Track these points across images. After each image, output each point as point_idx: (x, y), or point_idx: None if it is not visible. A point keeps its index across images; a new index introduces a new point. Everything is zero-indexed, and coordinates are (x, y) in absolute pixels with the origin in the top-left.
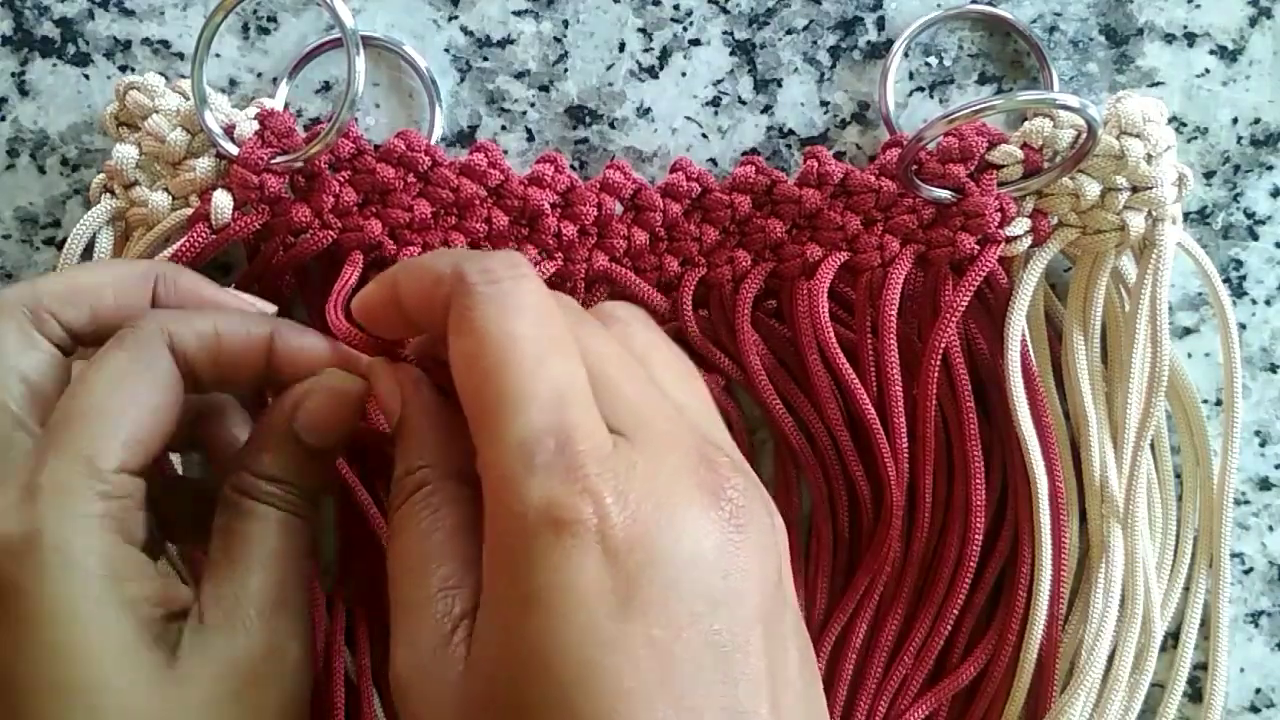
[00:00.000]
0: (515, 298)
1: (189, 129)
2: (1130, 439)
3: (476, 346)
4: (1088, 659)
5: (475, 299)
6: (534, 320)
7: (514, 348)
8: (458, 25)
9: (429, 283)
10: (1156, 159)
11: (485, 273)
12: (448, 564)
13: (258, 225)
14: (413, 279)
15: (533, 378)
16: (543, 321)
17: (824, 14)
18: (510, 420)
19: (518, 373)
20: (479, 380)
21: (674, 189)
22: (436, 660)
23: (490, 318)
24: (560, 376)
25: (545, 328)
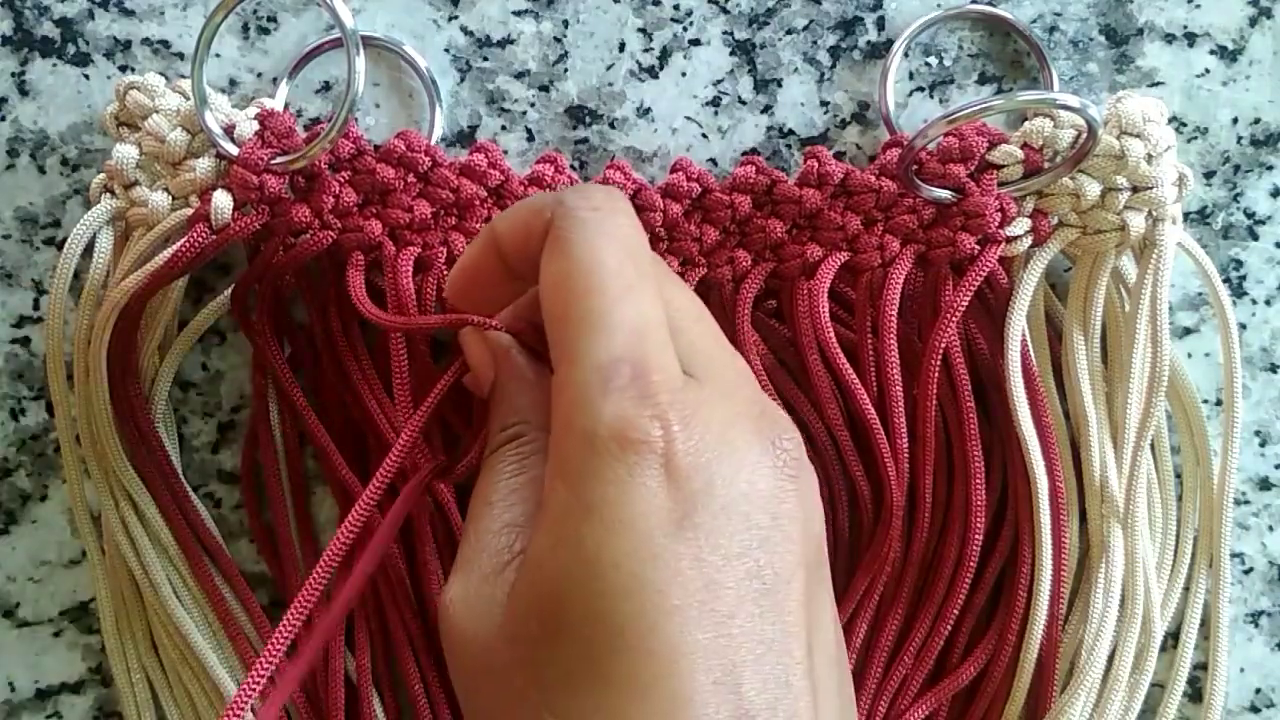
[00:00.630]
0: (610, 226)
1: (189, 129)
2: (1130, 439)
3: (569, 268)
4: (1088, 659)
5: (572, 222)
6: (625, 252)
7: (603, 274)
8: (458, 25)
9: (529, 214)
10: (1157, 159)
11: (585, 197)
12: (519, 506)
13: (258, 226)
14: (514, 216)
15: (617, 306)
16: (633, 255)
17: (824, 14)
18: (592, 343)
19: (603, 299)
20: (566, 302)
21: (674, 189)
22: (486, 585)
23: (584, 242)
24: (643, 310)
25: (634, 262)
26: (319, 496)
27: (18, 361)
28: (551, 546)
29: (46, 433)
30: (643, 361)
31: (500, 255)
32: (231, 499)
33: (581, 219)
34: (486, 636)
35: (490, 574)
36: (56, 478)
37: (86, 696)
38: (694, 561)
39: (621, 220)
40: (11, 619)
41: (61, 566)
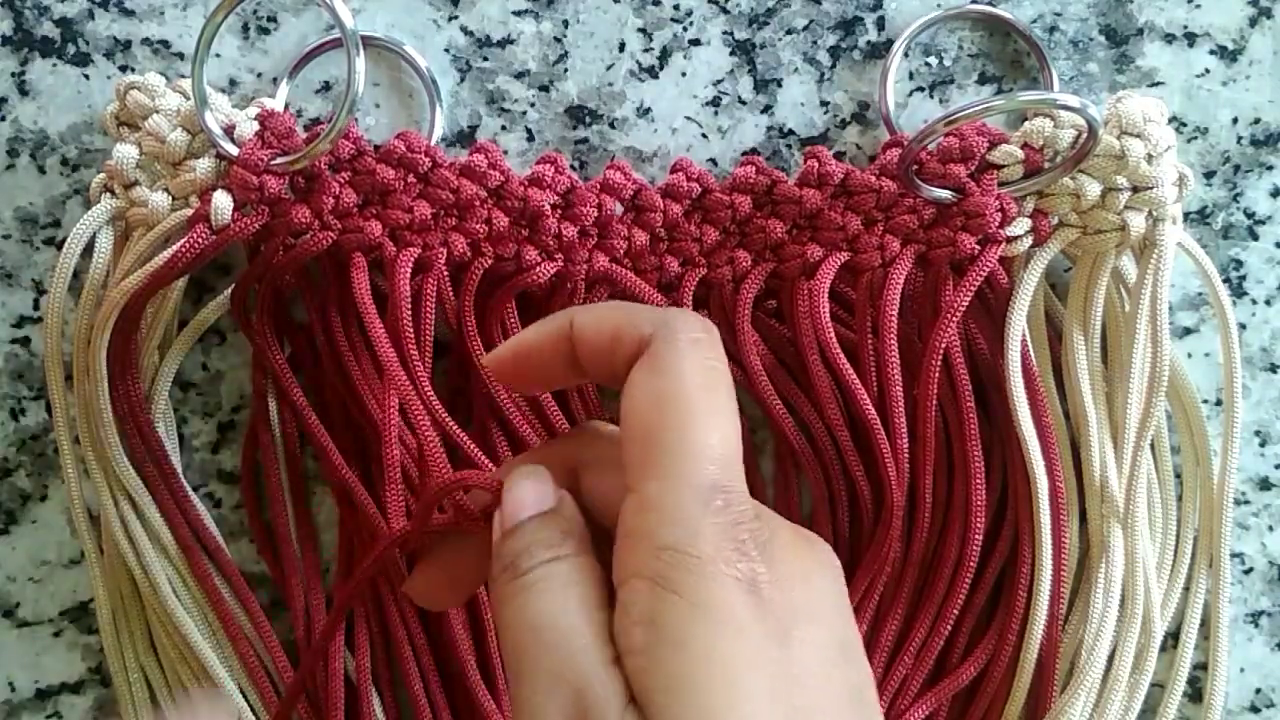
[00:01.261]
0: (712, 354)
1: (189, 129)
2: (1130, 439)
3: (669, 389)
4: (1088, 659)
5: (676, 346)
6: (724, 383)
7: (702, 401)
8: (458, 25)
9: (623, 323)
10: (1157, 159)
11: (689, 325)
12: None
13: (257, 226)
14: (602, 318)
15: (712, 434)
16: (724, 383)
17: (824, 14)
18: (690, 466)
19: (700, 425)
20: (661, 421)
21: (674, 189)
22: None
23: (692, 365)
24: (730, 438)
25: (726, 390)
26: (319, 496)
27: (18, 361)
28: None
29: (46, 433)
30: (731, 491)
31: (571, 348)
32: (231, 499)
33: (685, 346)
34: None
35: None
36: (56, 478)
37: (86, 696)
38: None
39: (718, 349)
40: (11, 619)
41: (61, 566)
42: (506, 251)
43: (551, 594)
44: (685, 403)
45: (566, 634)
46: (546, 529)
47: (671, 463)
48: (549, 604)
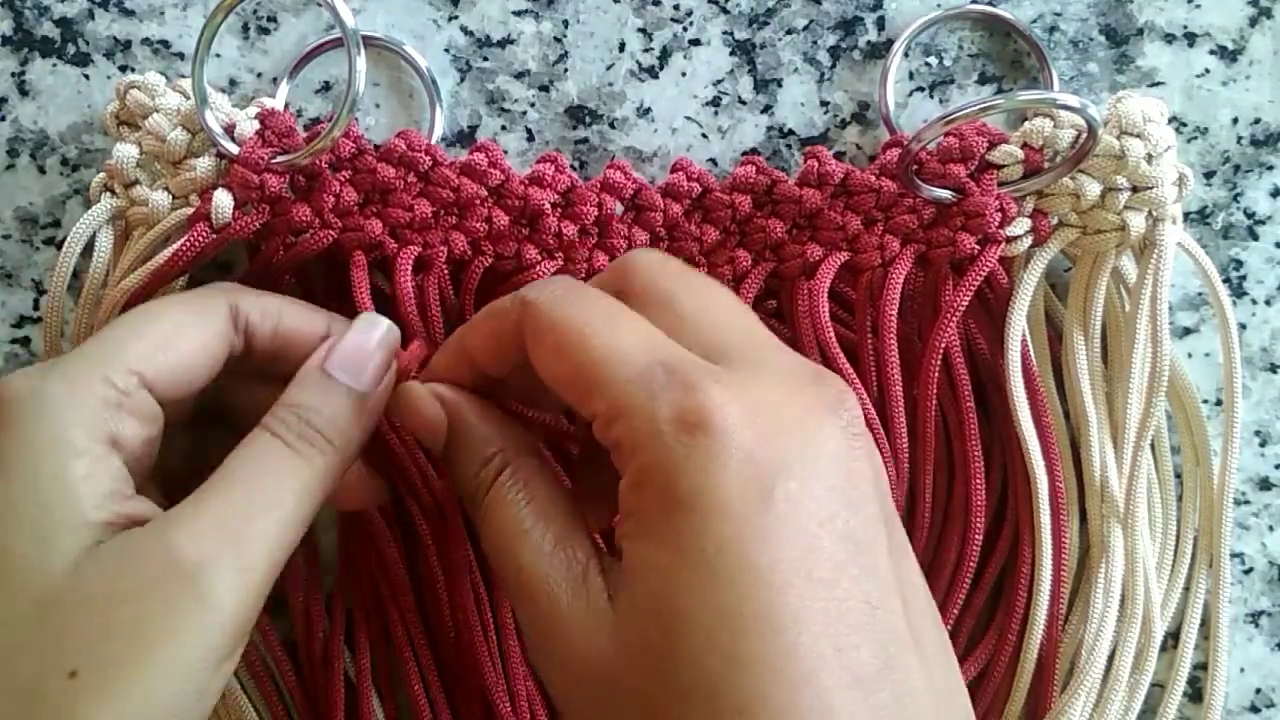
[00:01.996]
0: (576, 294)
1: (189, 128)
2: (1130, 439)
3: (557, 338)
4: (1088, 659)
5: (541, 309)
6: (595, 303)
7: (589, 323)
8: (458, 25)
9: (493, 322)
10: (1157, 159)
11: (542, 288)
12: (554, 523)
13: (258, 225)
14: (478, 329)
15: (617, 335)
16: (600, 302)
17: (824, 14)
18: (616, 368)
19: (604, 336)
20: (569, 360)
21: (675, 189)
22: (578, 600)
23: (560, 313)
24: (641, 330)
25: (605, 304)
26: None
27: (18, 362)
28: (653, 550)
29: None
30: (669, 359)
31: (473, 368)
32: None
33: (544, 302)
34: (603, 654)
35: (576, 589)
36: None
37: None
38: (791, 533)
39: (577, 289)
40: None
41: None
42: (507, 250)
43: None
44: (576, 335)
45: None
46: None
47: (598, 383)
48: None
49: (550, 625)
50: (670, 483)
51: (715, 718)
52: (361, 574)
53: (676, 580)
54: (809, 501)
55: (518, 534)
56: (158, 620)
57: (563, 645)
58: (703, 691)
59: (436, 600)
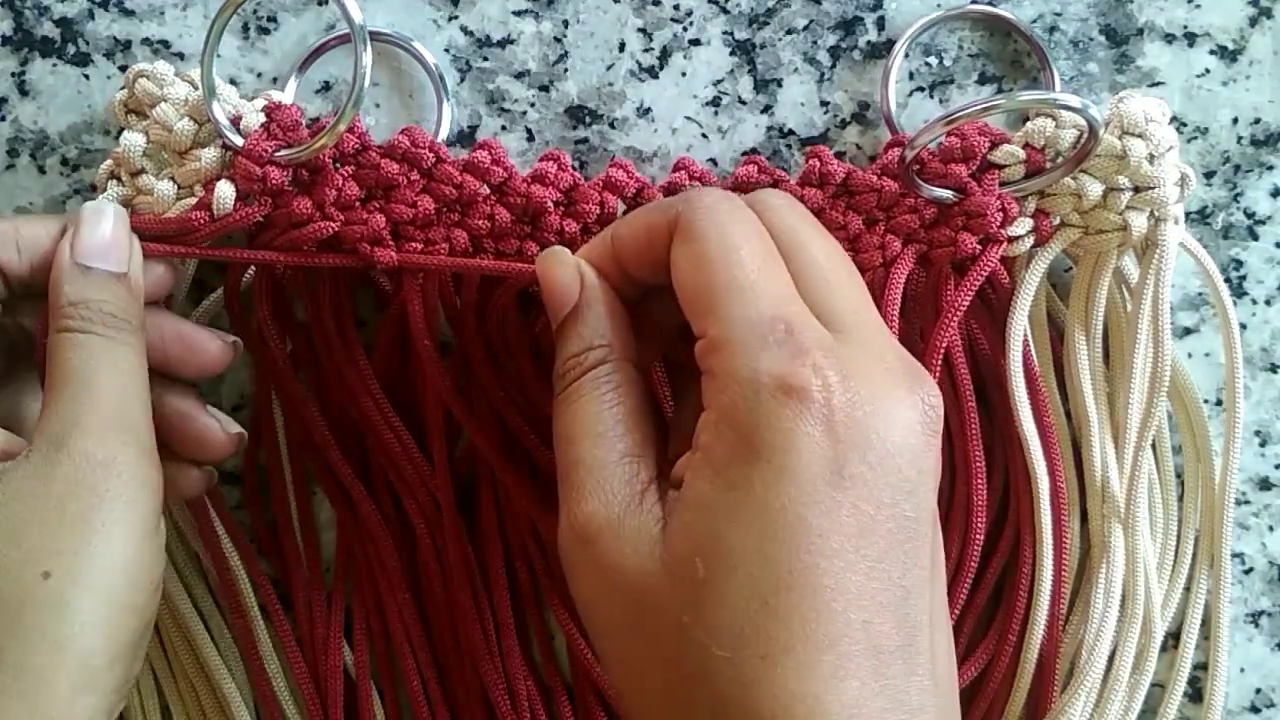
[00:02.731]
0: (738, 214)
1: (196, 118)
2: (1132, 439)
3: (705, 248)
4: (1088, 659)
5: (702, 211)
6: (755, 234)
7: (741, 251)
8: (458, 25)
9: (653, 215)
10: (1159, 159)
11: (709, 193)
12: (630, 435)
13: (259, 216)
14: (634, 221)
15: (760, 275)
16: (761, 237)
17: (824, 14)
18: (744, 304)
19: (745, 270)
20: (709, 275)
21: (676, 188)
22: (631, 514)
23: (717, 225)
24: (780, 279)
25: (764, 242)
26: (320, 496)
27: None
28: (719, 489)
29: None
30: (792, 320)
31: (617, 259)
32: (232, 499)
33: (709, 207)
34: (644, 569)
35: (630, 503)
36: None
37: None
38: (852, 509)
39: (744, 211)
40: None
41: None
42: (509, 248)
43: (577, 406)
44: (724, 255)
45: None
46: (576, 339)
47: (722, 308)
48: (575, 415)
49: (595, 529)
50: (752, 431)
51: (738, 656)
52: (361, 572)
53: (734, 523)
54: (876, 485)
55: (590, 430)
56: (97, 511)
57: (606, 552)
58: (733, 630)
59: (435, 599)
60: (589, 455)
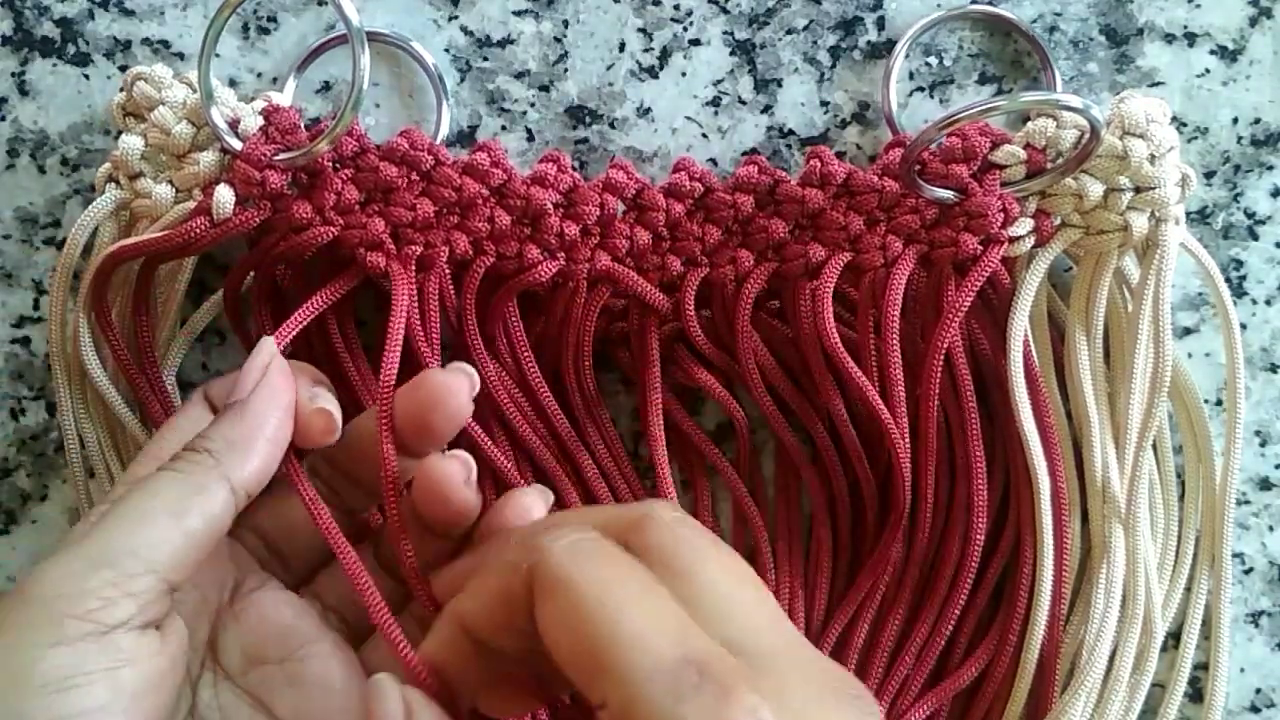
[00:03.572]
0: (597, 549)
1: (195, 122)
2: (1132, 439)
3: (576, 601)
4: (1089, 659)
5: (561, 560)
6: (628, 570)
7: (616, 594)
8: (458, 25)
9: (503, 580)
10: (1160, 159)
11: (556, 535)
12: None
13: (258, 221)
14: (481, 591)
15: (646, 614)
16: (634, 570)
17: (824, 14)
18: (641, 653)
19: (631, 613)
20: (587, 631)
21: (677, 189)
22: None
23: (581, 570)
24: (671, 614)
25: (640, 575)
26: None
27: (18, 361)
28: None
29: (46, 433)
30: (702, 657)
31: (471, 639)
32: None
33: (565, 550)
34: None
35: None
36: (56, 478)
37: None
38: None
39: (606, 546)
40: None
41: None
42: (509, 250)
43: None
44: (597, 603)
45: None
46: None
47: (616, 669)
48: None
49: None
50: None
51: None
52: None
53: None
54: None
55: None
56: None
57: None
58: None
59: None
60: None
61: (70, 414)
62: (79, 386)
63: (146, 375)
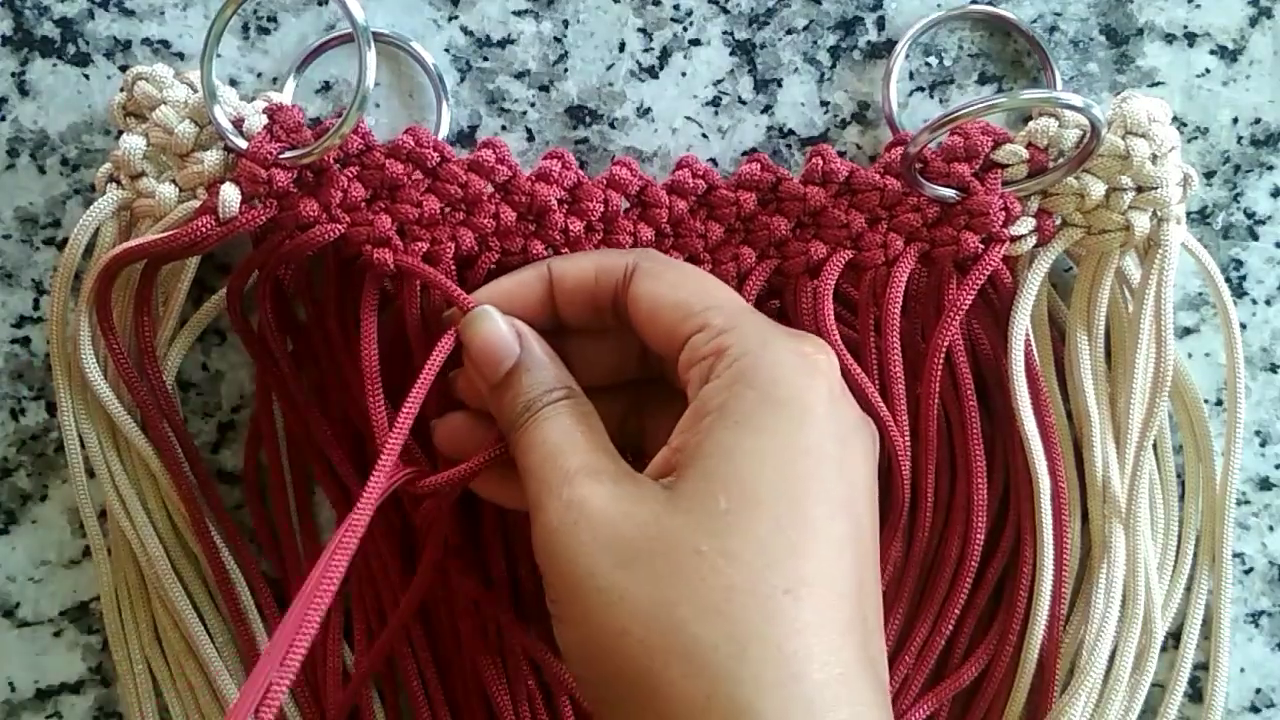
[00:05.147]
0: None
1: (197, 121)
2: (1133, 439)
3: (679, 272)
4: (1089, 659)
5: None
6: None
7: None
8: (458, 25)
9: (606, 260)
10: (1161, 159)
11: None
12: (605, 444)
13: (265, 219)
14: (580, 262)
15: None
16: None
17: (824, 14)
18: (737, 298)
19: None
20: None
21: (680, 186)
22: (627, 485)
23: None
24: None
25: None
26: (320, 496)
27: (18, 361)
28: (743, 435)
29: (47, 432)
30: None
31: (547, 293)
32: (231, 499)
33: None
34: (651, 512)
35: (623, 478)
36: (56, 478)
37: (86, 696)
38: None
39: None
40: (11, 619)
41: (61, 566)
42: (513, 246)
43: (551, 426)
44: (698, 273)
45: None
46: (530, 387)
47: (721, 301)
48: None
49: (587, 495)
50: (775, 386)
51: (759, 588)
52: (361, 573)
53: (760, 462)
54: (857, 457)
55: (570, 440)
56: None
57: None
58: (755, 561)
59: (435, 598)
60: (569, 454)
61: (70, 414)
62: (79, 387)
63: (147, 377)
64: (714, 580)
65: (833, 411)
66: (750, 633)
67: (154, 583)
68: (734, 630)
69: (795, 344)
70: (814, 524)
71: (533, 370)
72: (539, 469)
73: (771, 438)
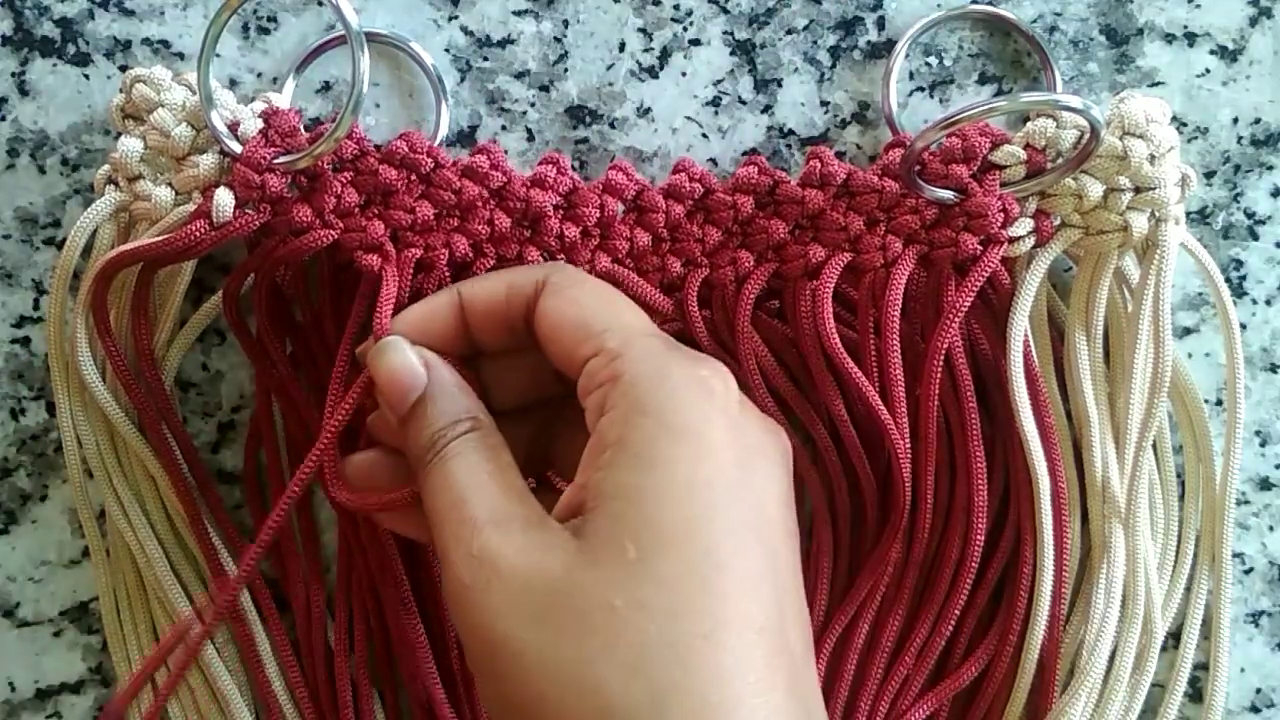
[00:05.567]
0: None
1: (194, 124)
2: (1132, 439)
3: (583, 290)
4: (1089, 659)
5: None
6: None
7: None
8: (458, 25)
9: (515, 277)
10: (1160, 159)
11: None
12: (514, 483)
13: (258, 224)
14: (489, 284)
15: (628, 307)
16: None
17: (824, 14)
18: (635, 318)
19: (624, 303)
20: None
21: (676, 190)
22: (537, 533)
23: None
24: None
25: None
26: (320, 496)
27: (18, 361)
28: (641, 472)
29: (47, 433)
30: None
31: (459, 318)
32: (231, 499)
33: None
34: (563, 565)
35: (531, 527)
36: (56, 478)
37: (86, 696)
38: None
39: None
40: (11, 619)
41: (61, 566)
42: (509, 252)
43: (455, 465)
44: (602, 290)
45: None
46: (436, 418)
47: (618, 322)
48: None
49: (496, 549)
50: (671, 415)
51: (676, 638)
52: (361, 573)
53: (661, 502)
54: (763, 479)
55: (478, 481)
56: None
57: (514, 566)
58: (671, 609)
59: (435, 598)
60: (477, 500)
61: (69, 414)
62: (77, 388)
63: (145, 379)
64: (630, 636)
65: (732, 435)
66: (671, 686)
67: (153, 584)
68: (653, 686)
69: (691, 368)
70: (725, 560)
71: (438, 400)
72: (446, 517)
73: (673, 471)
